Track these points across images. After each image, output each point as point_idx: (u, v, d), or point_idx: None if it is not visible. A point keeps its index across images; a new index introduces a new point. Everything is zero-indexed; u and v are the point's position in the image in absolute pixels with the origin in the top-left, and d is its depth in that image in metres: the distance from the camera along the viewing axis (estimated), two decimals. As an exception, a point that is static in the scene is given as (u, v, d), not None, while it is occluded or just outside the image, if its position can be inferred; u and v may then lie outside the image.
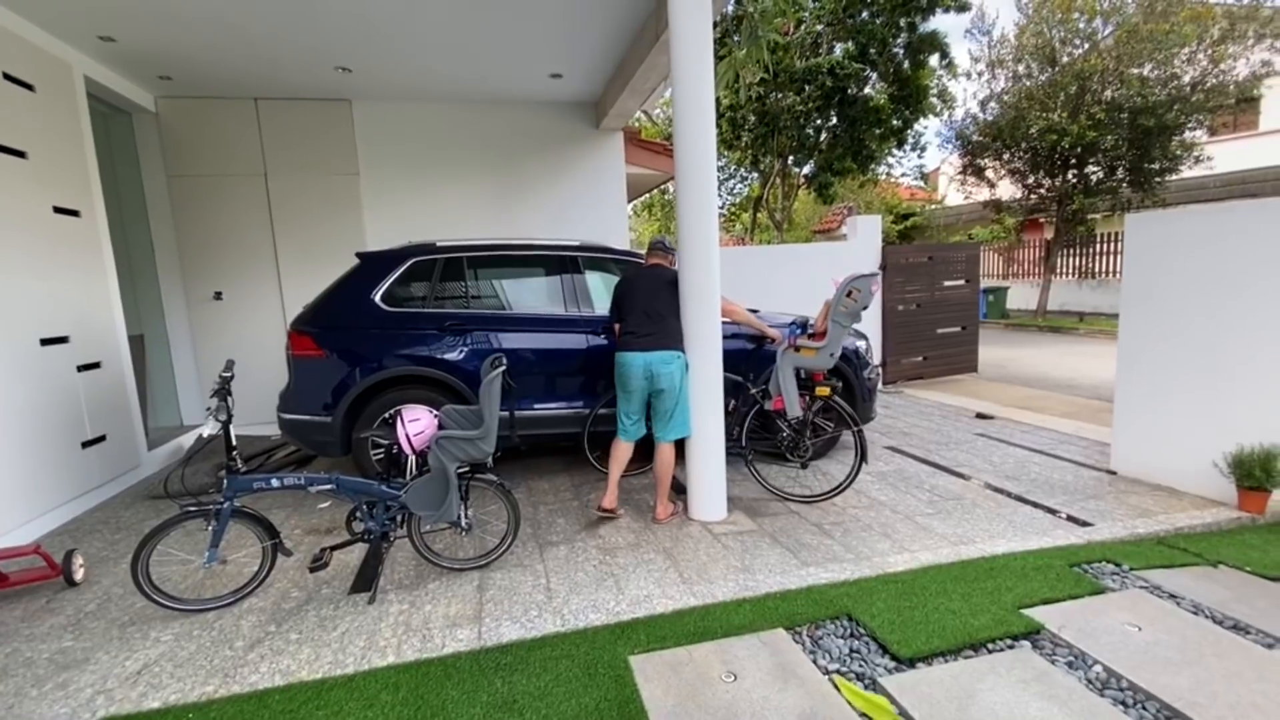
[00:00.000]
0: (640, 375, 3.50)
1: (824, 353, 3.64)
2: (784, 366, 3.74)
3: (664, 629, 2.54)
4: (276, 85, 5.83)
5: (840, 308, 3.57)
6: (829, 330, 3.62)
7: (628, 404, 3.63)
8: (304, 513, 4.01)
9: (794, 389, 3.72)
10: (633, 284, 3.70)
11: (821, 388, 3.74)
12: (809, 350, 3.67)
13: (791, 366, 3.73)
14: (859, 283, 3.55)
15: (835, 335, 3.62)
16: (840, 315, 3.58)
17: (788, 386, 3.72)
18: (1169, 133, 12.06)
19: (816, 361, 3.68)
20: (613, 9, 4.64)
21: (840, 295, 3.57)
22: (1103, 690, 2.15)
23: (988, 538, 3.29)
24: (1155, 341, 3.97)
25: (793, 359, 3.73)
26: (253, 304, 6.30)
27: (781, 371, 3.74)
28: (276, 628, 2.67)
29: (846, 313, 3.57)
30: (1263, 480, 3.37)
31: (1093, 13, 12.48)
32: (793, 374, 3.73)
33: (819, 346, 3.64)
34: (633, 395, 3.59)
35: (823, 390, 3.73)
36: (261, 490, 2.85)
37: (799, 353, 3.71)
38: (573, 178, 7.08)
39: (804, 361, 3.71)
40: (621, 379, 3.59)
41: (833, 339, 3.62)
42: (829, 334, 3.62)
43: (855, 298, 3.54)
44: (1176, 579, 2.84)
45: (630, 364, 3.52)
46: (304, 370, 4.05)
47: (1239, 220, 3.57)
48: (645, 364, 3.48)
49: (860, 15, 12.38)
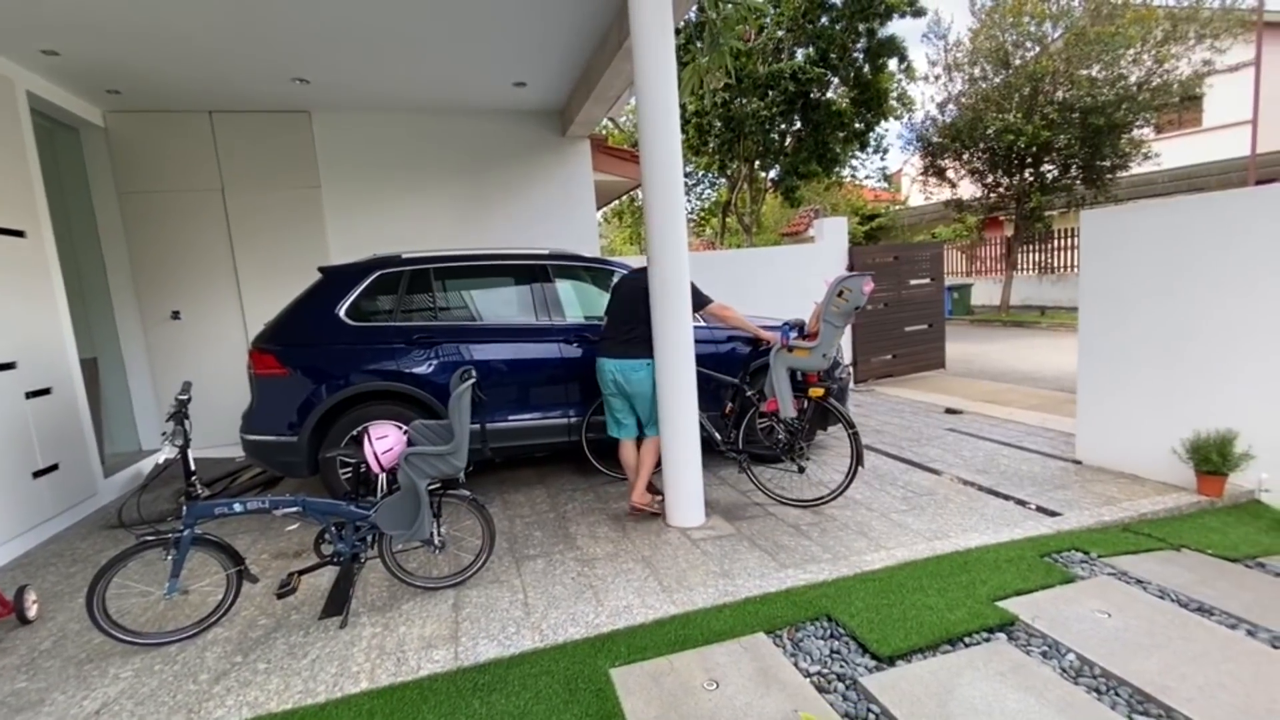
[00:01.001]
0: (609, 380, 3.73)
1: (817, 353, 3.61)
2: (777, 367, 3.71)
3: (645, 639, 2.51)
4: (231, 98, 5.69)
5: (832, 307, 3.54)
6: (821, 330, 3.60)
7: (610, 403, 3.83)
8: (271, 536, 3.88)
9: (788, 390, 3.70)
10: (623, 287, 3.79)
11: (815, 389, 3.72)
12: (802, 351, 3.65)
13: (785, 367, 3.71)
14: (850, 282, 3.52)
15: (828, 335, 3.58)
16: (832, 315, 3.56)
17: (781, 387, 3.70)
18: (1118, 131, 12.51)
19: (810, 362, 3.65)
20: (574, 17, 4.63)
21: (831, 295, 3.55)
22: (1077, 678, 2.18)
23: (961, 532, 3.33)
24: (1113, 333, 4.09)
25: (786, 360, 3.70)
26: (213, 323, 6.11)
27: (775, 372, 3.71)
28: (243, 658, 2.57)
29: (839, 313, 3.54)
30: (1219, 465, 3.48)
31: (1042, 16, 12.90)
32: (786, 375, 3.72)
33: (812, 347, 3.61)
34: (610, 396, 3.79)
35: (816, 391, 3.72)
36: (224, 515, 2.75)
37: (792, 353, 3.69)
38: (541, 186, 7.05)
39: (797, 362, 3.69)
40: (600, 381, 3.80)
41: (825, 339, 3.59)
42: (821, 334, 3.60)
43: (846, 297, 3.51)
44: (1142, 564, 2.91)
45: (600, 369, 3.77)
46: (267, 389, 3.93)
47: (1185, 215, 3.71)
48: (612, 370, 3.70)
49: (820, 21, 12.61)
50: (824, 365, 3.65)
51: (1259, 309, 3.40)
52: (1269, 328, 3.37)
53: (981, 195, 14.92)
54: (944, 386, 7.41)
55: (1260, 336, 3.41)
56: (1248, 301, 3.45)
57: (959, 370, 8.54)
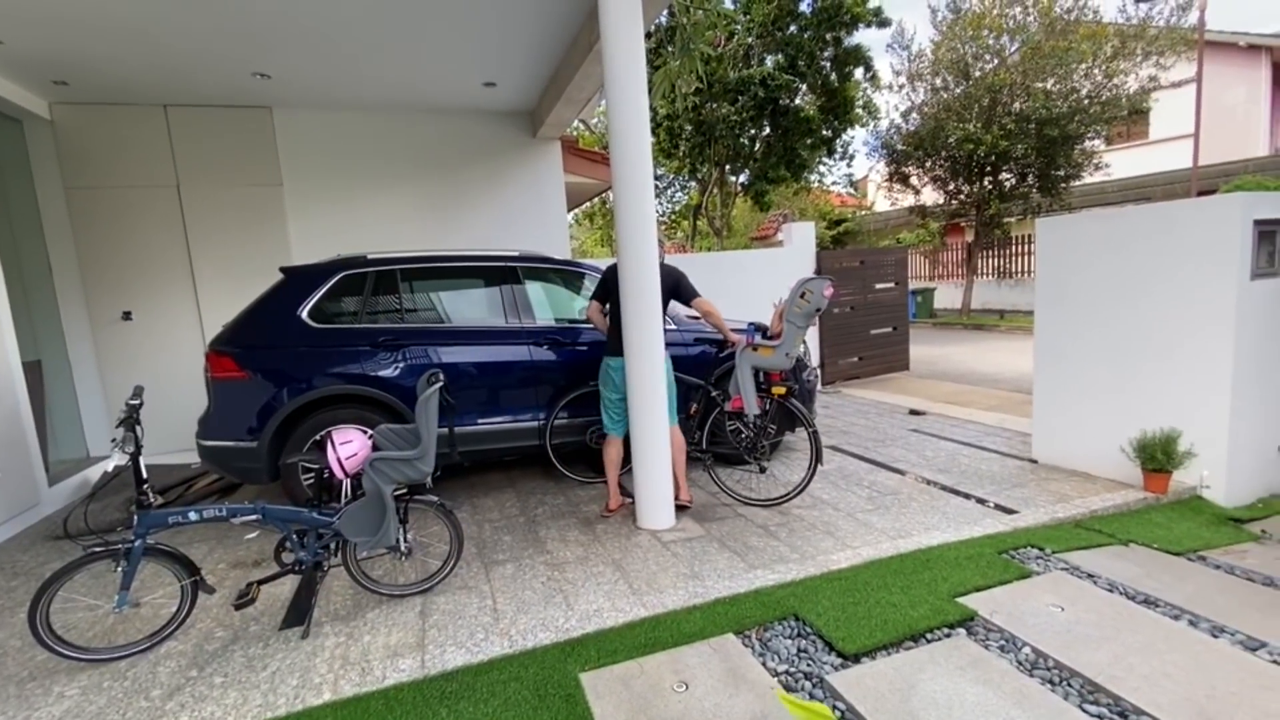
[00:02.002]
0: (617, 381, 3.70)
1: (780, 352, 3.71)
2: (742, 366, 3.79)
3: (615, 642, 2.51)
4: (188, 91, 5.51)
5: (795, 308, 3.66)
6: (784, 330, 3.70)
7: (611, 400, 3.80)
8: (229, 545, 3.76)
9: (752, 388, 3.79)
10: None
11: (777, 387, 3.82)
12: (766, 350, 3.74)
13: (750, 366, 3.79)
14: (811, 284, 3.64)
15: (790, 335, 3.69)
16: (795, 315, 3.67)
17: (746, 386, 3.78)
18: (1071, 142, 13.00)
19: (773, 361, 3.74)
20: (544, 18, 4.62)
21: (794, 296, 3.66)
22: (1032, 670, 2.26)
23: (924, 530, 3.42)
24: (1067, 337, 4.25)
25: (751, 358, 3.79)
26: (167, 324, 5.91)
27: (740, 371, 3.80)
28: (199, 672, 2.49)
29: (801, 313, 3.66)
30: (1164, 462, 3.65)
31: (1000, 30, 13.33)
32: (751, 373, 3.80)
33: (775, 346, 3.72)
34: (617, 393, 3.76)
35: (778, 390, 3.82)
36: (178, 524, 2.66)
37: (757, 352, 3.79)
38: (510, 187, 7.00)
39: (762, 361, 3.78)
40: (612, 382, 3.75)
41: (788, 339, 3.70)
42: (784, 334, 3.70)
43: (808, 299, 3.63)
44: (1093, 559, 3.03)
45: (606, 368, 3.76)
46: (225, 393, 3.81)
47: (1131, 223, 3.88)
48: (620, 369, 3.65)
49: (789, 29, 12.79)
50: (787, 365, 3.75)
51: (1197, 313, 3.58)
52: (1206, 331, 3.55)
53: (944, 202, 15.34)
54: (908, 388, 7.59)
55: (1198, 339, 3.58)
56: (1187, 307, 3.62)
57: (922, 372, 8.75)
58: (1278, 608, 2.57)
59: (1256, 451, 3.69)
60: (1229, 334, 3.46)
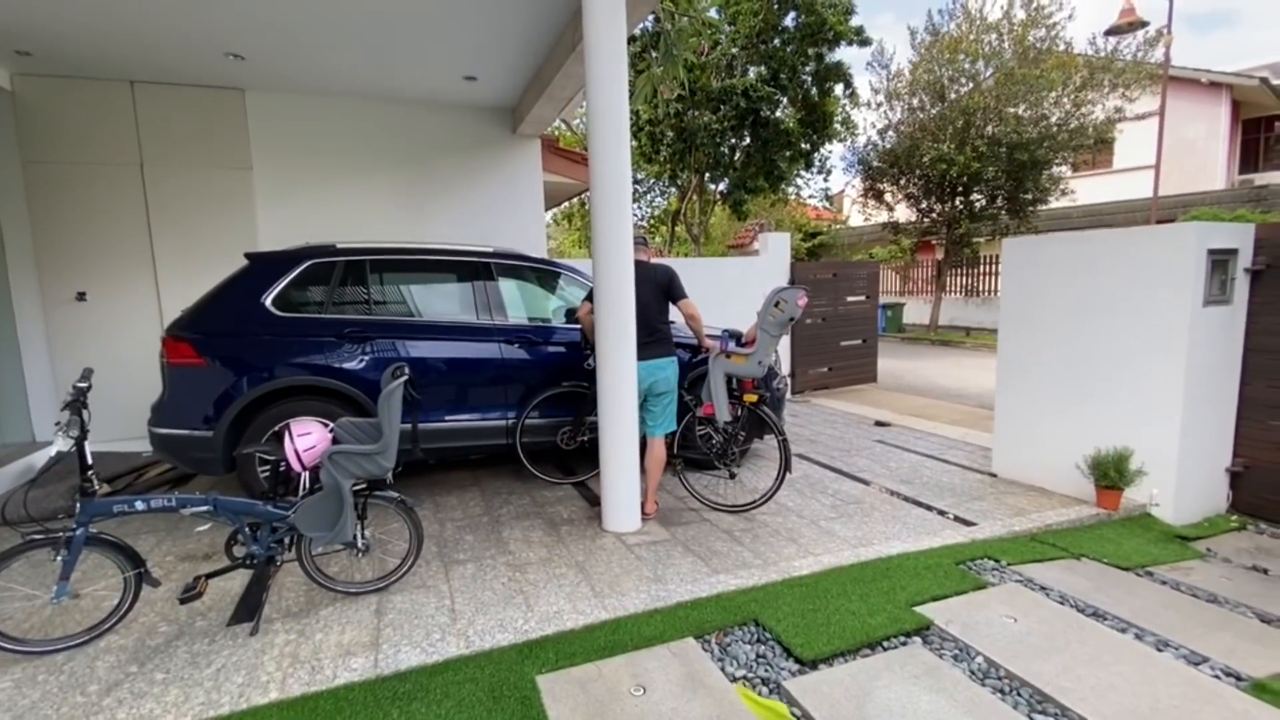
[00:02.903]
0: (642, 383, 3.67)
1: (753, 360, 3.74)
2: (715, 372, 3.81)
3: (574, 645, 2.48)
4: (156, 68, 5.34)
5: (769, 317, 3.68)
6: (758, 339, 3.72)
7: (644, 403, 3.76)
8: (178, 537, 3.63)
9: (724, 395, 3.81)
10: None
11: (750, 395, 3.83)
12: (739, 357, 3.76)
13: (723, 373, 3.81)
14: (785, 294, 3.66)
15: (764, 344, 3.72)
16: (769, 324, 3.69)
17: (718, 392, 3.80)
18: (1040, 167, 13.40)
19: (746, 368, 3.77)
20: (529, 15, 4.59)
21: (768, 305, 3.68)
22: (984, 680, 2.30)
23: (884, 539, 3.46)
24: (1029, 355, 4.37)
25: (724, 365, 3.81)
26: (124, 307, 5.69)
27: (713, 377, 3.81)
28: (139, 668, 2.39)
29: (775, 322, 3.68)
30: (1116, 480, 3.76)
31: (975, 55, 13.69)
32: (724, 380, 3.82)
33: (749, 354, 3.74)
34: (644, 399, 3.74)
35: (751, 397, 3.83)
36: (124, 514, 2.56)
37: (730, 359, 3.79)
38: (487, 183, 6.93)
39: (735, 368, 3.79)
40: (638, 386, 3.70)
41: (762, 347, 3.72)
42: (758, 342, 3.72)
43: (782, 308, 3.65)
44: (1046, 572, 3.10)
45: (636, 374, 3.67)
46: (181, 380, 3.68)
47: (1092, 247, 4.00)
48: (647, 372, 3.67)
49: (772, 42, 12.95)
50: (760, 372, 3.78)
51: (1152, 337, 3.71)
52: (1160, 354, 3.67)
53: (916, 219, 15.66)
54: (875, 400, 7.71)
55: (1152, 362, 3.71)
56: (1142, 330, 3.75)
57: (890, 385, 8.90)
58: (1219, 625, 2.67)
59: (1204, 472, 3.83)
60: (1181, 358, 3.59)
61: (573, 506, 4.05)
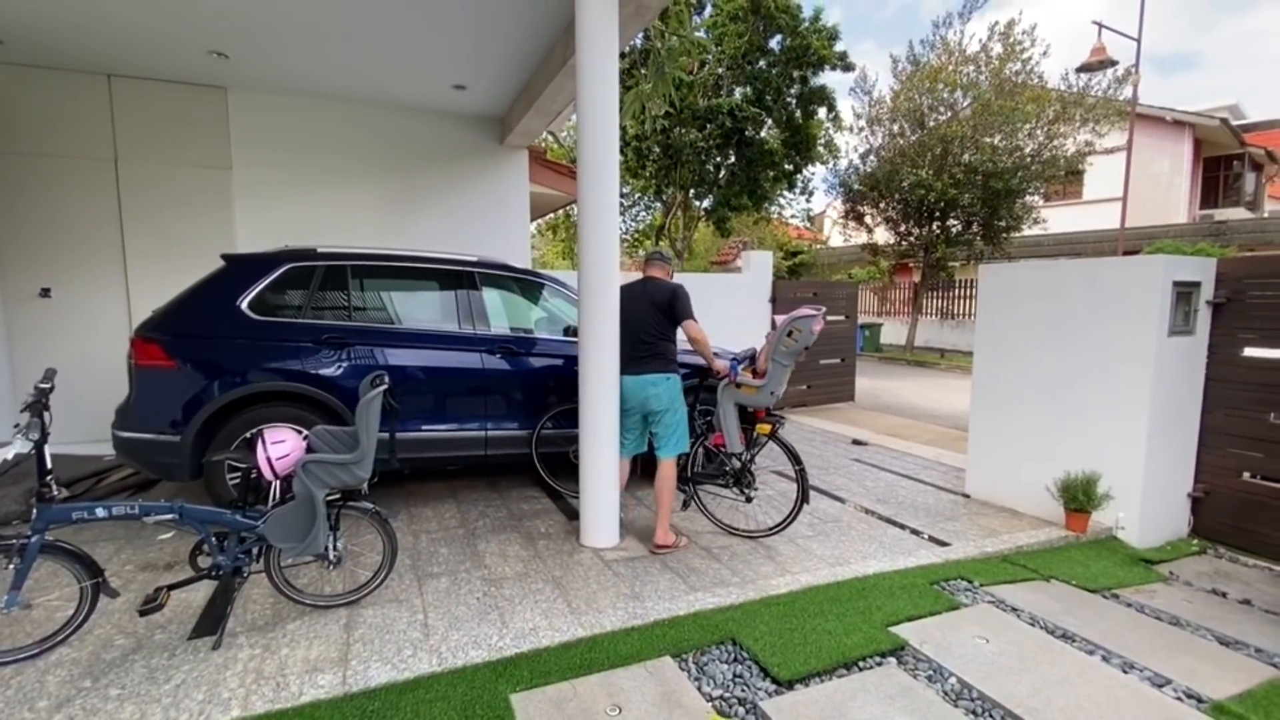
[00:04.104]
0: (633, 398, 3.59)
1: (764, 391, 3.56)
2: (725, 402, 3.67)
3: (549, 663, 2.44)
4: (135, 63, 5.25)
5: (781, 346, 3.49)
6: (770, 369, 3.54)
7: (625, 421, 3.65)
8: (139, 546, 3.51)
9: (735, 425, 3.66)
10: (632, 300, 3.62)
11: (763, 425, 3.66)
12: (750, 388, 3.59)
13: (733, 402, 3.67)
14: (800, 322, 3.46)
15: (776, 374, 3.54)
16: (781, 354, 3.50)
17: (728, 422, 3.66)
18: (1014, 195, 13.80)
19: (757, 399, 3.60)
20: (520, 28, 4.61)
21: (781, 334, 3.49)
22: (956, 701, 2.31)
23: (861, 558, 3.48)
24: (1002, 378, 4.46)
25: (734, 395, 3.66)
26: (93, 305, 5.53)
27: (723, 407, 3.67)
28: (93, 683, 2.29)
29: (788, 352, 3.49)
30: (1084, 503, 3.84)
31: (954, 85, 14.09)
32: (735, 410, 3.68)
33: (759, 385, 3.56)
34: (629, 414, 3.65)
35: (763, 428, 3.66)
36: (83, 521, 2.46)
37: (740, 389, 3.63)
38: (473, 192, 6.91)
39: (745, 399, 3.64)
40: (622, 399, 3.61)
41: (773, 378, 3.54)
42: (769, 373, 3.54)
43: (796, 337, 3.46)
44: (1018, 593, 3.15)
45: (623, 387, 3.58)
46: (149, 382, 3.58)
47: (1063, 276, 4.11)
48: (638, 387, 3.56)
49: (758, 63, 13.20)
50: (771, 403, 3.61)
51: (1119, 364, 3.81)
52: (1127, 382, 3.78)
53: (894, 242, 15.98)
54: (852, 418, 7.80)
55: (1119, 389, 3.82)
56: (1110, 357, 3.85)
57: (867, 404, 9.01)
58: (1182, 647, 2.73)
59: (1167, 497, 3.94)
60: (1147, 385, 3.70)
61: (551, 521, 4.01)
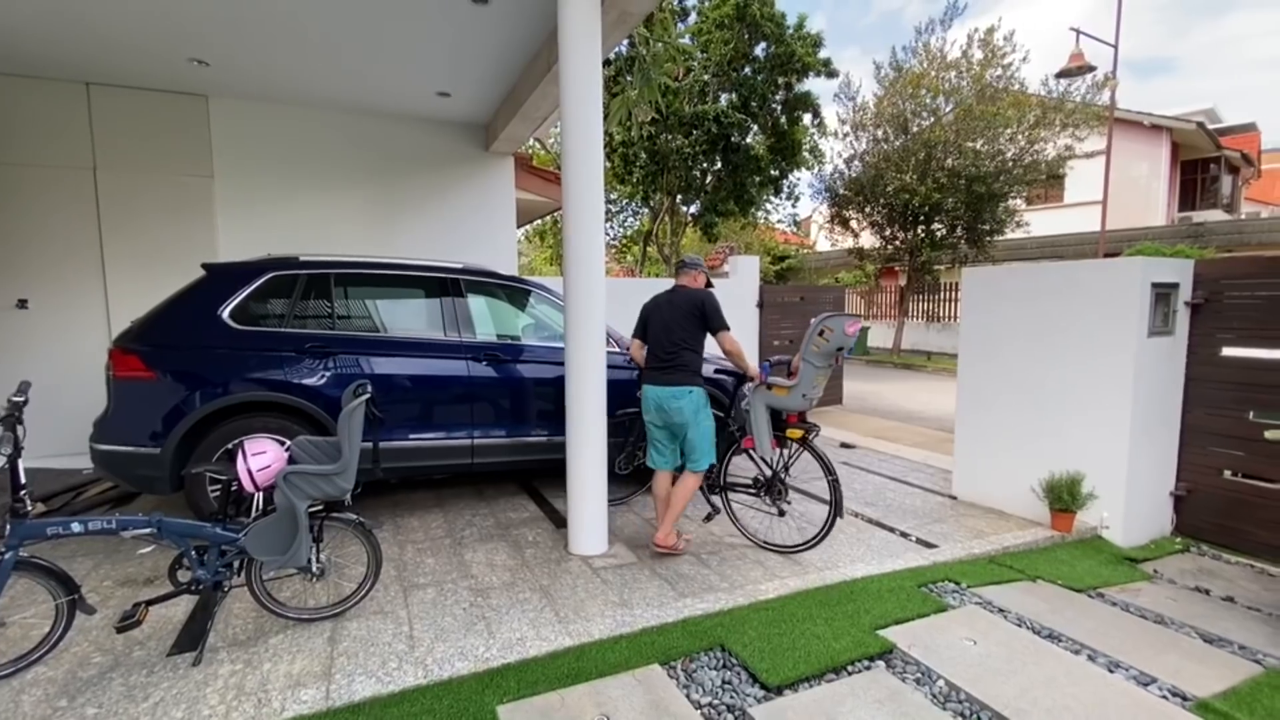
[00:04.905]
0: (654, 409, 3.54)
1: (796, 393, 3.45)
2: (756, 404, 3.59)
3: (536, 673, 2.42)
4: (115, 71, 5.19)
5: (812, 347, 3.39)
6: (801, 370, 3.44)
7: (655, 434, 3.64)
8: (118, 561, 3.44)
9: (766, 428, 3.57)
10: (657, 309, 3.59)
11: (793, 430, 3.54)
12: (781, 389, 3.48)
13: (764, 405, 3.57)
14: (831, 322, 3.36)
15: (808, 376, 3.43)
16: (812, 355, 3.40)
17: (759, 425, 3.57)
18: (996, 199, 13.99)
19: (789, 401, 3.48)
20: (504, 33, 4.61)
21: (812, 334, 3.39)
22: (945, 704, 2.31)
23: (849, 562, 3.49)
24: (987, 380, 4.49)
25: (765, 397, 3.56)
26: (70, 316, 5.44)
27: (754, 409, 3.59)
28: (69, 702, 2.24)
29: (819, 353, 3.39)
30: (1069, 503, 3.88)
31: (937, 91, 14.27)
32: (766, 413, 3.58)
33: (791, 386, 3.46)
34: (656, 426, 3.61)
35: (795, 433, 3.54)
36: (59, 536, 2.41)
37: (771, 391, 3.52)
38: (459, 199, 6.88)
39: (776, 401, 3.53)
40: (643, 410, 3.63)
41: (805, 379, 3.43)
42: (801, 374, 3.44)
43: (828, 337, 3.35)
44: (1004, 594, 3.16)
45: (646, 397, 3.58)
46: (128, 394, 3.52)
47: (1044, 279, 4.16)
48: (657, 399, 3.50)
49: (743, 70, 13.30)
50: (804, 406, 3.51)
51: (1101, 365, 3.86)
52: (1109, 382, 3.82)
53: (880, 246, 16.13)
54: (841, 421, 7.83)
55: (1102, 389, 3.86)
56: (1092, 358, 3.90)
57: (854, 407, 9.05)
58: (1166, 645, 2.75)
59: (1150, 496, 3.98)
60: (1128, 386, 3.74)
61: (539, 529, 3.98)
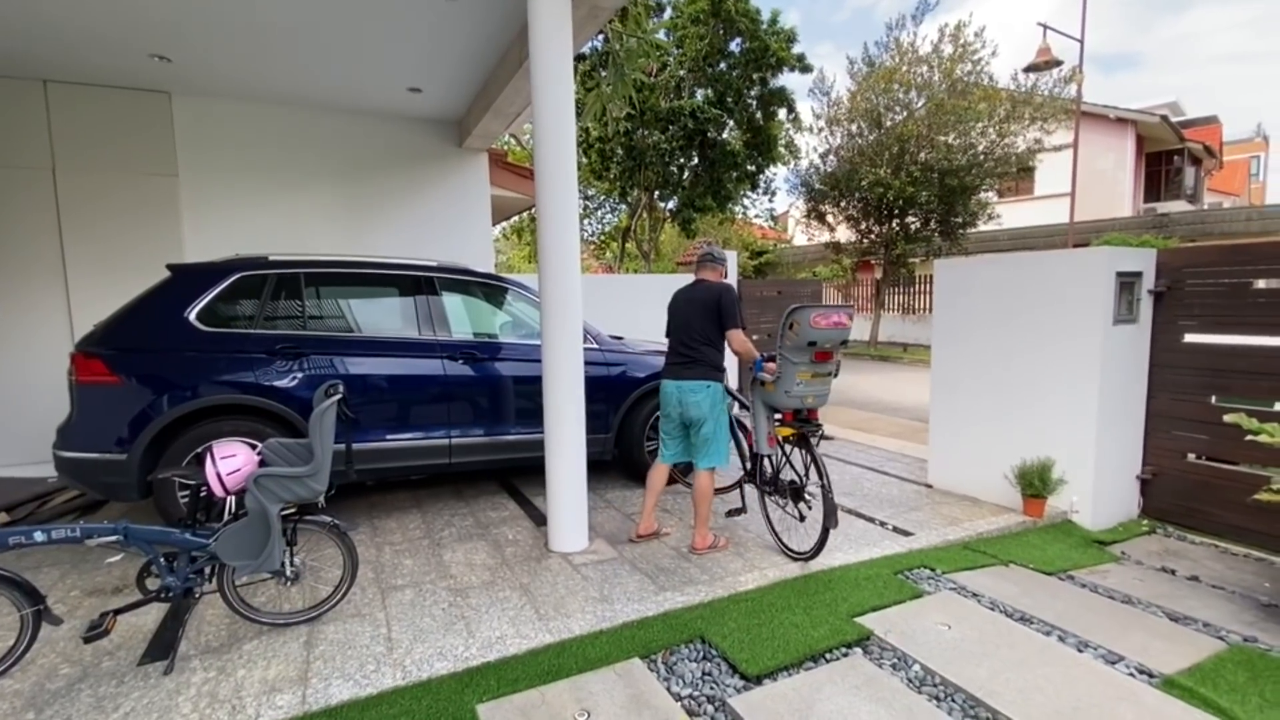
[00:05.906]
0: (673, 403, 3.53)
1: (780, 389, 3.36)
2: (755, 400, 3.60)
3: (516, 671, 2.41)
4: (73, 68, 5.03)
5: (785, 340, 3.28)
6: (779, 366, 3.36)
7: (666, 427, 3.64)
8: (85, 570, 3.36)
9: (762, 424, 3.55)
10: (678, 305, 3.59)
11: (783, 428, 3.49)
12: (769, 385, 3.43)
13: (761, 401, 3.56)
14: (798, 314, 3.19)
15: (785, 371, 3.33)
16: (786, 349, 3.30)
17: (757, 421, 3.57)
18: (969, 192, 14.23)
19: (774, 398, 3.42)
20: (474, 27, 4.56)
21: (783, 328, 3.27)
22: (920, 688, 2.36)
23: (827, 551, 3.51)
24: (959, 370, 4.57)
25: (760, 393, 3.54)
26: (30, 321, 5.27)
27: (754, 405, 3.61)
28: (36, 714, 2.18)
29: (791, 346, 3.26)
30: (1040, 489, 3.96)
31: (909, 85, 14.46)
32: (763, 409, 3.55)
33: (775, 380, 3.41)
34: (670, 420, 3.60)
35: (783, 431, 3.49)
36: (22, 546, 2.34)
37: (764, 387, 3.47)
38: (432, 196, 6.80)
39: (767, 397, 3.47)
40: (661, 404, 3.63)
41: (785, 375, 3.33)
42: (780, 370, 3.36)
43: (796, 330, 3.19)
44: (978, 579, 3.23)
45: (664, 391, 3.58)
46: (92, 400, 3.43)
47: (1014, 270, 4.24)
48: (677, 392, 3.49)
49: (719, 65, 13.32)
50: (790, 403, 3.38)
51: (1068, 353, 3.94)
52: (1076, 370, 3.91)
53: (856, 240, 16.32)
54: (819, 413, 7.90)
55: (1069, 377, 3.95)
56: (1060, 346, 3.98)
57: (832, 399, 9.10)
58: (1133, 624, 2.83)
59: (1117, 480, 4.08)
60: (1095, 373, 3.83)
61: (518, 527, 3.96)
